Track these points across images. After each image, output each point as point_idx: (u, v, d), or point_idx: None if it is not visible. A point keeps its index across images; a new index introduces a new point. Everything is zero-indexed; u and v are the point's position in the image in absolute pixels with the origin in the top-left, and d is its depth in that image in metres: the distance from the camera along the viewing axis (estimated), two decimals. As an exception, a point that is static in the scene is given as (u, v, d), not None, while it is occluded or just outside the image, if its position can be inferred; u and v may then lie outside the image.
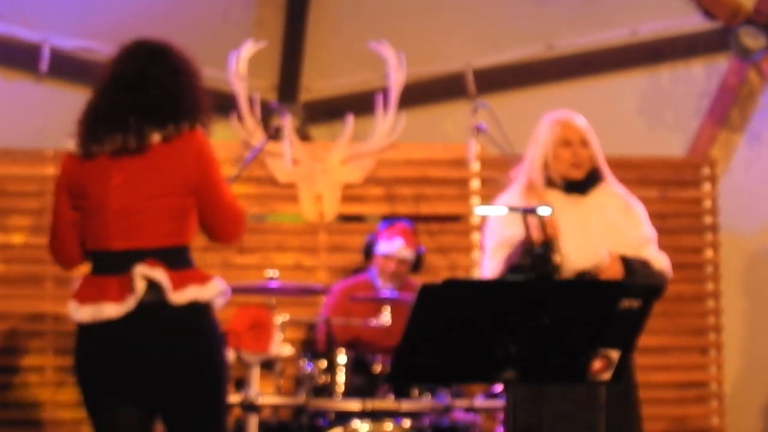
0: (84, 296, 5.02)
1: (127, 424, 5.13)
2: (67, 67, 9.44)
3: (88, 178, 5.09)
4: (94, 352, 5.06)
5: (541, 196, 6.07)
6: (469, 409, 7.29)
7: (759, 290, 9.42)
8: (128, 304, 4.92)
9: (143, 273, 4.92)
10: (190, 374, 5.03)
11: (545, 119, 6.22)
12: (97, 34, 9.47)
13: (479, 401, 7.30)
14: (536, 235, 5.93)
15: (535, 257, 5.94)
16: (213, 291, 5.08)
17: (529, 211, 7.95)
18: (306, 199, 8.35)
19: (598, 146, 6.08)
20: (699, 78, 9.86)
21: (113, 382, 5.07)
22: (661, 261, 6.05)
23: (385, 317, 7.61)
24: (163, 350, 5.01)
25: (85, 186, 5.10)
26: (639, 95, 10.02)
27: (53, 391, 9.14)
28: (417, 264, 8.04)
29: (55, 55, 9.40)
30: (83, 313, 4.99)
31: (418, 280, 6.94)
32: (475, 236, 9.37)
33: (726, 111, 9.70)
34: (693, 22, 9.71)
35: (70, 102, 9.51)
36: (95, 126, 5.08)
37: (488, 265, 6.09)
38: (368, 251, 8.01)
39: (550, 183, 6.08)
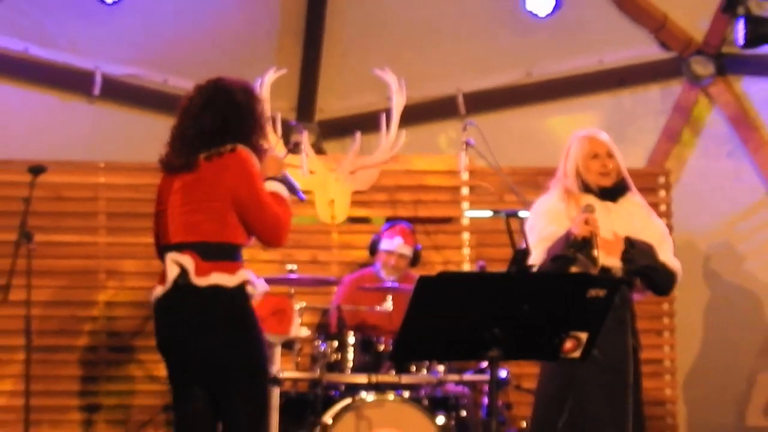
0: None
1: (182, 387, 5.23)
2: (116, 91, 9.44)
3: (163, 188, 5.36)
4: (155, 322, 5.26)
5: (578, 200, 6.01)
6: (459, 383, 7.32)
7: (707, 282, 9.44)
8: (167, 286, 5.08)
9: (173, 258, 5.09)
10: (210, 347, 5.13)
11: (573, 136, 6.21)
12: (141, 62, 9.49)
13: (468, 376, 7.32)
14: (579, 231, 5.84)
15: (576, 249, 5.94)
16: (237, 280, 5.15)
17: (511, 214, 8.01)
18: (320, 203, 8.35)
19: (622, 159, 6.08)
20: (656, 100, 9.88)
21: (165, 346, 5.24)
22: (673, 263, 5.99)
23: (388, 304, 7.62)
24: (189, 323, 5.15)
25: (161, 194, 5.37)
26: (605, 115, 10.02)
27: (105, 367, 9.17)
28: (415, 259, 8.05)
29: (105, 81, 9.42)
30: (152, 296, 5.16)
31: (416, 273, 6.95)
32: (465, 235, 9.38)
33: (679, 129, 9.74)
34: (651, 52, 9.73)
35: (119, 121, 9.59)
36: (169, 148, 5.30)
37: (534, 255, 6.05)
38: (373, 248, 8.03)
39: (587, 189, 6.00)
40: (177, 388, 5.35)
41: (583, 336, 4.95)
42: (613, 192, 6.03)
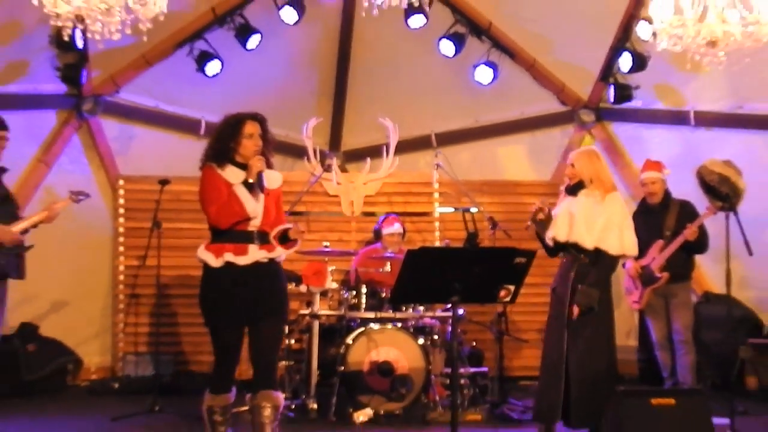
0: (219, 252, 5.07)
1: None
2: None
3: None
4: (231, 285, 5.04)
5: (561, 196, 6.08)
6: (433, 317, 7.30)
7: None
8: (246, 259, 4.97)
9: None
10: (275, 292, 5.12)
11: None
12: (233, 110, 9.50)
13: (438, 313, 7.34)
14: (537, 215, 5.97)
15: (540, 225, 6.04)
16: (278, 254, 5.12)
17: (466, 210, 8.02)
18: (344, 203, 8.37)
19: (583, 168, 5.94)
20: (557, 138, 9.80)
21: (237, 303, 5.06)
22: (609, 243, 5.75)
23: (387, 267, 7.66)
24: (261, 283, 5.04)
25: None
26: (526, 147, 10.01)
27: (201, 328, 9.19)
28: (403, 235, 8.09)
29: (207, 125, 9.40)
30: (219, 261, 5.04)
31: (405, 248, 6.99)
32: (436, 224, 9.39)
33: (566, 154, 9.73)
34: (554, 107, 9.66)
35: None
36: None
37: None
38: (377, 232, 8.07)
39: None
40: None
41: (512, 287, 4.99)
42: (572, 189, 5.97)
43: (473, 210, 8.01)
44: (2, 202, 5.94)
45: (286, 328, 6.99)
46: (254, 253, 5.03)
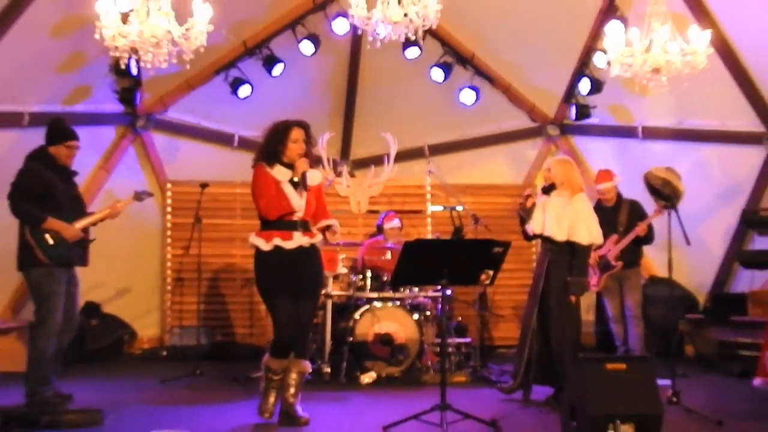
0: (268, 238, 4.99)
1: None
2: (245, 144, 9.41)
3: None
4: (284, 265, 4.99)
5: (538, 195, 6.09)
6: (426, 297, 7.31)
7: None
8: (292, 243, 4.95)
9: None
10: (314, 275, 5.13)
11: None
12: (257, 127, 9.34)
13: (430, 293, 7.32)
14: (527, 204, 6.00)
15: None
16: (317, 240, 5.09)
17: (453, 209, 7.99)
18: (353, 203, 8.31)
19: (558, 172, 5.97)
20: (528, 149, 9.80)
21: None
22: (581, 236, 5.77)
23: (388, 256, 7.65)
24: (304, 266, 5.02)
25: None
26: (503, 157, 9.96)
27: (239, 287, 9.19)
28: (400, 230, 8.04)
29: (240, 139, 9.39)
30: (269, 245, 4.98)
31: (402, 240, 6.96)
32: (428, 220, 9.41)
33: (530, 163, 9.73)
34: (526, 123, 9.62)
35: (247, 160, 9.44)
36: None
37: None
38: (379, 227, 8.04)
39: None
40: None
41: (491, 272, 4.98)
42: (547, 189, 6.00)
43: (459, 208, 7.98)
44: (73, 200, 5.92)
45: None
46: (298, 239, 5.01)
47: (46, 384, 5.62)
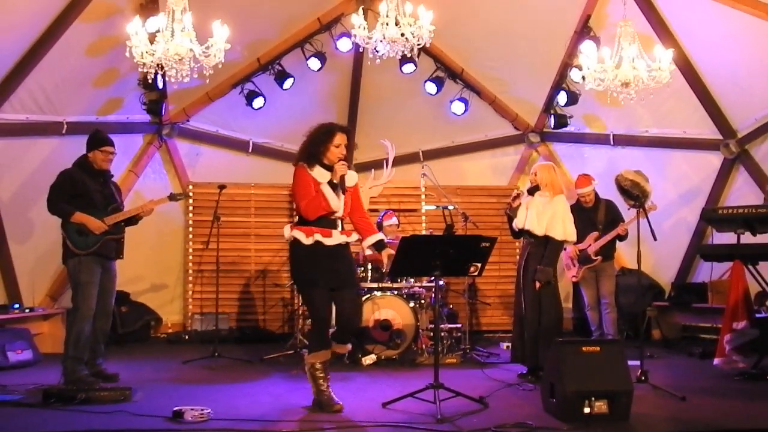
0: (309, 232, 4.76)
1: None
2: (259, 149, 9.42)
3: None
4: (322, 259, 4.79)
5: (524, 195, 6.13)
6: (421, 287, 7.25)
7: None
8: (331, 240, 4.81)
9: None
10: (350, 268, 4.93)
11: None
12: (270, 135, 9.44)
13: (424, 284, 7.27)
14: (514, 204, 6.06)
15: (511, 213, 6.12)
16: (353, 239, 4.96)
17: (444, 207, 7.98)
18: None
19: (543, 176, 6.03)
20: (513, 154, 9.76)
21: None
22: (556, 232, 5.85)
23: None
24: (341, 260, 4.84)
25: None
26: (489, 161, 9.92)
27: (254, 278, 9.18)
28: (397, 227, 8.01)
29: (254, 145, 9.39)
30: (310, 240, 4.76)
31: (400, 235, 6.95)
32: (423, 218, 9.39)
33: (522, 167, 9.70)
34: (510, 131, 9.60)
35: (261, 164, 9.51)
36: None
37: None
38: (379, 224, 7.97)
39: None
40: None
41: (479, 264, 4.97)
42: (531, 190, 6.06)
43: (450, 207, 7.98)
44: (108, 199, 5.95)
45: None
46: (337, 237, 4.82)
47: (81, 364, 5.66)
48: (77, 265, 5.67)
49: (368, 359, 6.75)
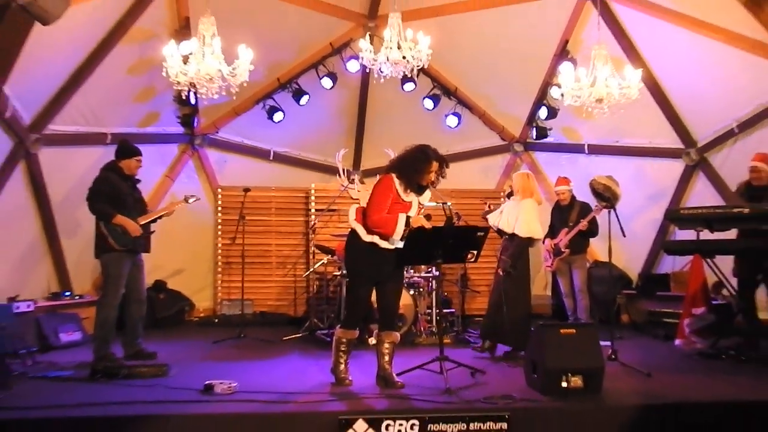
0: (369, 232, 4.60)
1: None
2: (279, 157, 9.40)
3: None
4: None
5: (503, 199, 6.33)
6: (420, 277, 7.18)
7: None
8: (388, 245, 4.64)
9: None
10: (395, 266, 4.73)
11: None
12: (289, 145, 9.43)
13: (423, 274, 7.22)
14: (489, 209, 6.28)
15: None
16: (401, 245, 4.67)
17: (444, 204, 7.94)
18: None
19: (516, 182, 6.15)
20: (500, 161, 9.71)
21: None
22: (521, 229, 5.92)
23: None
24: (389, 260, 4.67)
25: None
26: (478, 168, 9.81)
27: (274, 269, 9.17)
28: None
29: (275, 154, 9.37)
30: (369, 237, 4.62)
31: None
32: (423, 212, 9.35)
33: (509, 172, 9.64)
34: (497, 141, 9.53)
35: (281, 170, 9.45)
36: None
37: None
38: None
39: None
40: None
41: (475, 251, 4.96)
42: (509, 195, 6.24)
43: (449, 204, 7.91)
44: (137, 202, 5.97)
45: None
46: (387, 244, 4.65)
47: (107, 343, 5.66)
48: (110, 259, 5.68)
49: (373, 339, 6.68)
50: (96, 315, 5.77)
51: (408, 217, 4.64)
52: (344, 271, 5.73)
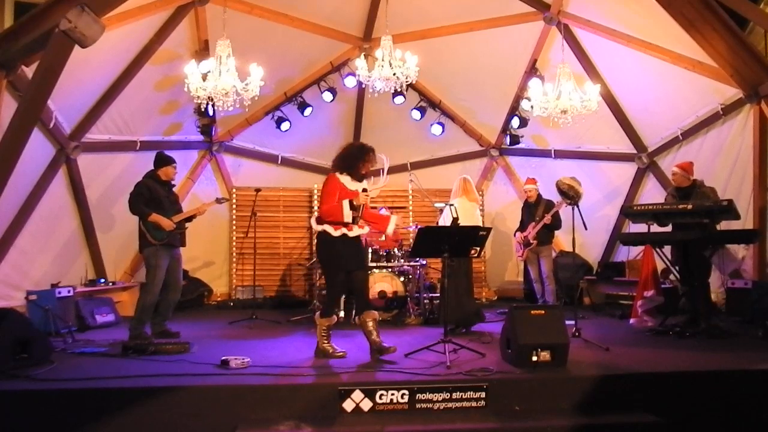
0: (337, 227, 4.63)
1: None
2: (286, 162, 9.36)
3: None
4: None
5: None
6: (408, 265, 7.17)
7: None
8: (354, 232, 4.74)
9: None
10: (363, 254, 4.86)
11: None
12: (295, 150, 9.39)
13: (411, 263, 7.20)
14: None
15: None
16: (365, 232, 4.83)
17: (450, 205, 7.92)
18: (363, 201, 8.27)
19: (455, 185, 6.24)
20: (478, 164, 9.61)
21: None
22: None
23: (383, 238, 7.46)
24: (357, 248, 4.77)
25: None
26: (458, 171, 9.78)
27: (286, 259, 9.12)
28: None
29: (282, 159, 9.34)
30: (338, 232, 4.65)
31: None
32: (410, 214, 9.33)
33: (486, 175, 9.65)
34: (475, 148, 9.50)
35: (288, 173, 9.40)
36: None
37: None
38: (378, 217, 7.95)
39: None
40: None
41: (478, 248, 4.95)
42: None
43: (455, 204, 7.83)
44: (172, 203, 5.95)
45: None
46: (356, 230, 4.75)
47: (143, 325, 5.68)
48: (150, 252, 5.67)
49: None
50: (138, 299, 5.77)
51: (351, 201, 4.67)
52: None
